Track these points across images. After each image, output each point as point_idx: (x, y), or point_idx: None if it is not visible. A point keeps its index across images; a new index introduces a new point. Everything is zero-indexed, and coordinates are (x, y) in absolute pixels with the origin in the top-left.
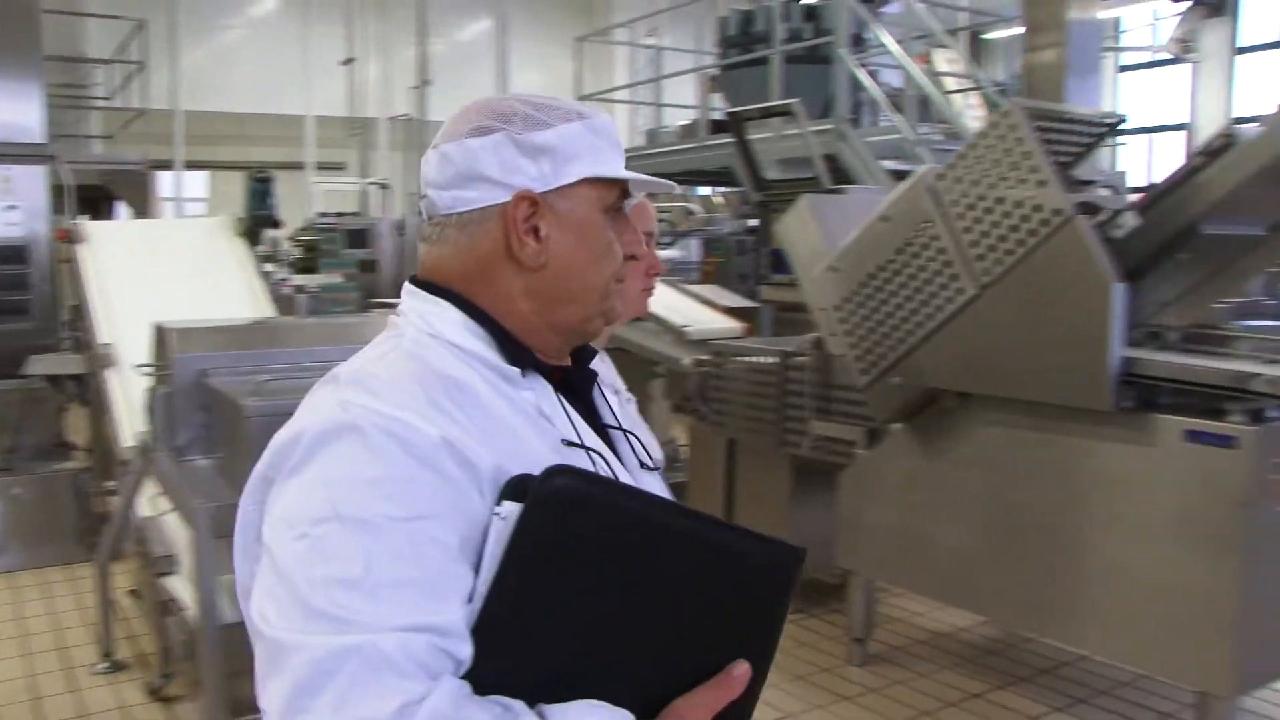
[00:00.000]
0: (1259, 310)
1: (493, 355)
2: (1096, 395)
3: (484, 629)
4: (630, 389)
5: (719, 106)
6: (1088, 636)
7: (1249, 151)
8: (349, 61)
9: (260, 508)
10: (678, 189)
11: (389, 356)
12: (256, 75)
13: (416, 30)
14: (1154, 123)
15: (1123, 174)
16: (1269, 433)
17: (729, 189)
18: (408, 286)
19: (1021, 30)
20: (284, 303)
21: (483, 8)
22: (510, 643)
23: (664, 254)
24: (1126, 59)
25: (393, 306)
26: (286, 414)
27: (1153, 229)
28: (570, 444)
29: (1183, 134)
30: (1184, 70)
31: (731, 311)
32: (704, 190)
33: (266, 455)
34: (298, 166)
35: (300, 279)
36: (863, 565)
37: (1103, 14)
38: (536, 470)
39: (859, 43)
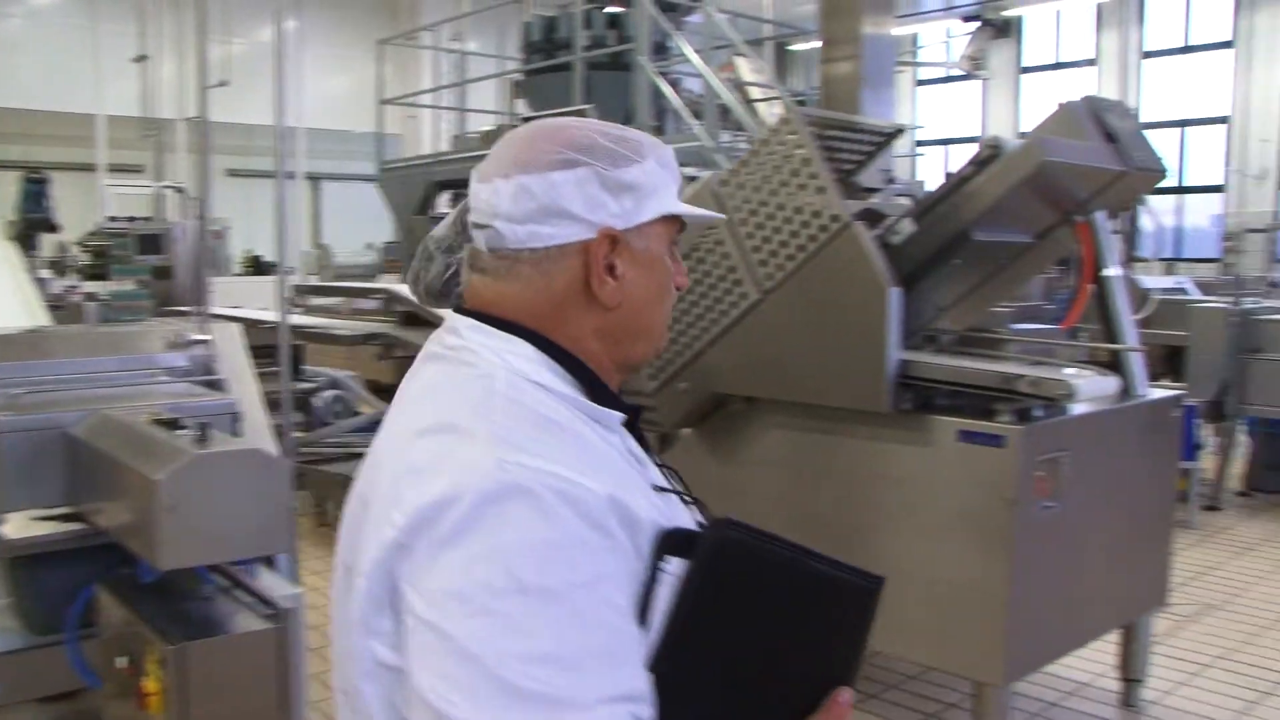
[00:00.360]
0: (1038, 314)
1: (580, 397)
2: (875, 398)
3: (654, 685)
4: None
5: (523, 112)
6: (876, 633)
7: (1012, 163)
8: (142, 59)
9: (388, 576)
10: (723, 219)
11: (497, 402)
12: (40, 69)
13: (197, 28)
14: (949, 134)
15: (921, 183)
16: (1034, 432)
17: None
18: (467, 321)
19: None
20: (74, 310)
21: (283, 8)
22: (675, 695)
23: None
24: (924, 74)
25: (185, 314)
26: (43, 429)
27: (927, 236)
28: (660, 489)
29: (976, 146)
30: (975, 86)
31: None
32: None
33: (399, 519)
34: (89, 168)
35: (91, 286)
36: None
37: (899, 30)
38: (660, 520)
39: (662, 51)
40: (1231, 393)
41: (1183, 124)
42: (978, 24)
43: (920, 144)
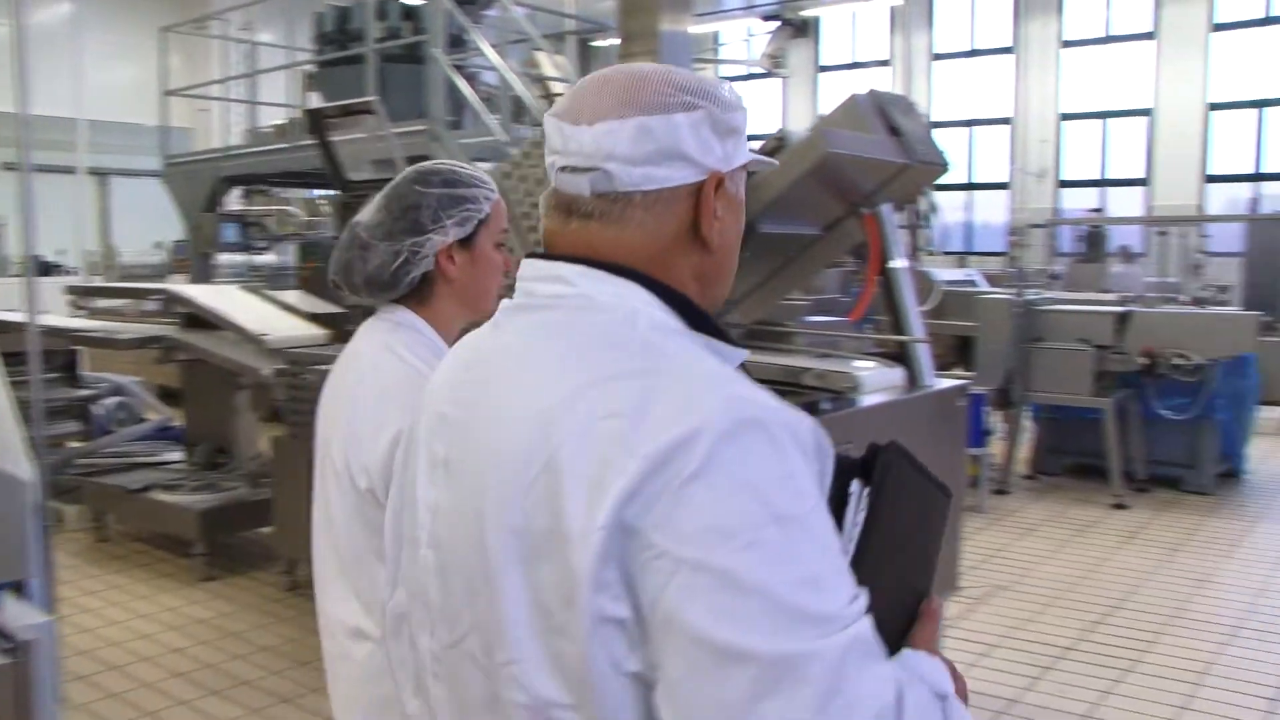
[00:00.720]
0: (834, 306)
1: (704, 339)
2: None
3: None
4: (215, 402)
5: (316, 105)
6: None
7: (797, 154)
8: None
9: (618, 522)
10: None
11: (668, 344)
12: None
13: None
14: (750, 131)
15: None
16: (821, 425)
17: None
18: (576, 268)
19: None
20: None
21: None
22: None
23: (260, 259)
24: (725, 71)
25: None
26: None
27: None
28: None
29: None
30: (776, 84)
31: (319, 318)
32: (320, 193)
33: (633, 465)
34: None
35: None
36: None
37: (700, 28)
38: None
39: (459, 44)
40: (1017, 380)
41: (970, 124)
42: (777, 23)
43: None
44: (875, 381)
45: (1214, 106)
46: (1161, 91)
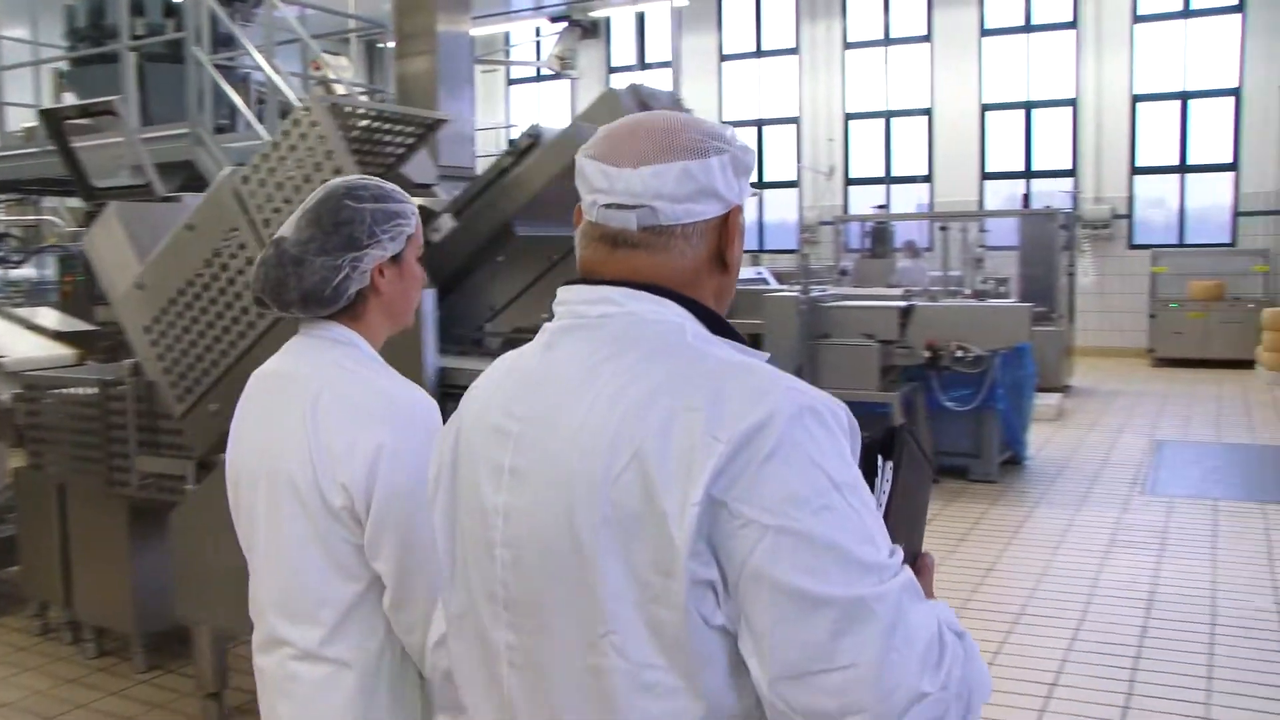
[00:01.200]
0: None
1: (730, 343)
2: None
3: None
4: None
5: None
6: None
7: (552, 151)
8: None
9: (709, 498)
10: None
11: (706, 348)
12: None
13: None
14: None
15: None
16: None
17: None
18: (622, 290)
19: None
20: None
21: None
22: None
23: (17, 273)
24: (516, 72)
25: None
26: None
27: (469, 232)
28: None
29: None
30: (568, 85)
31: (67, 337)
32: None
33: (722, 447)
34: None
35: None
36: (206, 614)
37: (489, 29)
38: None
39: (230, 43)
40: (805, 376)
41: (758, 123)
42: (565, 24)
43: (513, 143)
44: None
45: (987, 107)
46: (938, 92)
